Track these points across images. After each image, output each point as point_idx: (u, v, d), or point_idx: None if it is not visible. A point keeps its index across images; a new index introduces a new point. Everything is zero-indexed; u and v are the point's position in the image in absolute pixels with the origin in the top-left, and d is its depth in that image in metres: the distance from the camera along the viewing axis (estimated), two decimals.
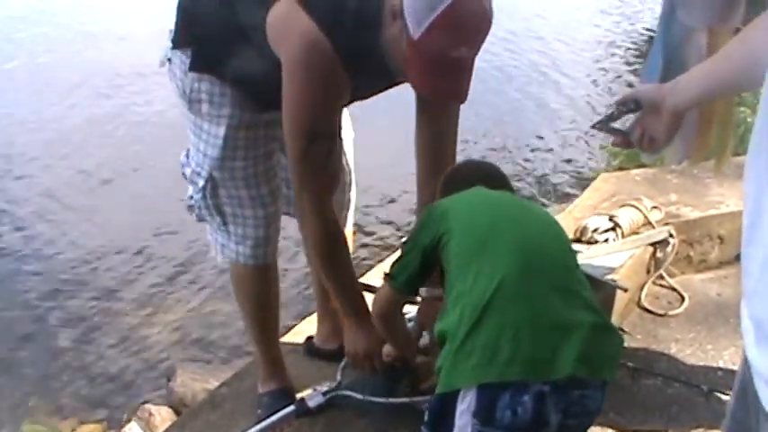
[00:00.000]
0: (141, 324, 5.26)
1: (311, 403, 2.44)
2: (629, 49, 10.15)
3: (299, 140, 2.10)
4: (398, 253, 2.14)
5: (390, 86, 2.29)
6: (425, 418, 1.81)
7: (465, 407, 1.66)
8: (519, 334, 1.65)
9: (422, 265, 2.00)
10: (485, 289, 1.70)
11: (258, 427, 2.41)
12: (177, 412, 4.19)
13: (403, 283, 2.07)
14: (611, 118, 1.91)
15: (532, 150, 7.50)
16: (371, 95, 2.35)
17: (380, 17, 2.03)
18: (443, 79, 2.01)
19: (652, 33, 5.31)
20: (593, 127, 1.97)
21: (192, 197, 2.49)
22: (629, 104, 1.84)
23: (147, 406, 4.33)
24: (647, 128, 1.81)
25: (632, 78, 8.98)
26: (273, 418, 2.43)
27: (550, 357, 1.65)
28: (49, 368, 4.89)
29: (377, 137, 5.10)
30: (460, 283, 1.77)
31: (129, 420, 4.30)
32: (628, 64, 9.68)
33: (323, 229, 2.21)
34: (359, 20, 2.06)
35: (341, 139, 2.31)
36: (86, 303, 5.46)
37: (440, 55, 1.96)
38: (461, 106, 2.27)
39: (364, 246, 4.96)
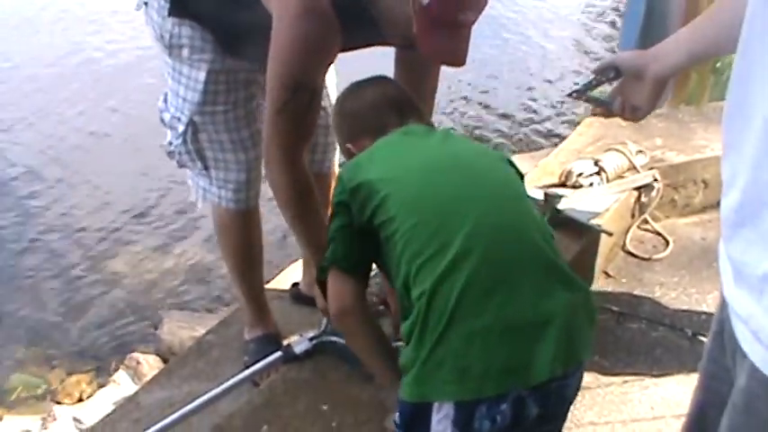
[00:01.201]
0: (127, 274, 5.28)
1: (297, 349, 2.44)
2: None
3: (282, 91, 2.04)
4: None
5: (376, 45, 2.26)
6: (396, 419, 1.70)
7: (443, 415, 1.58)
8: (490, 341, 1.55)
9: (360, 241, 1.80)
10: (450, 291, 1.56)
11: (245, 373, 2.41)
12: (165, 360, 4.21)
13: (343, 259, 1.81)
14: (588, 86, 1.85)
15: (517, 95, 7.48)
16: (355, 50, 2.33)
17: None
18: (449, 43, 2.01)
19: None
20: (569, 96, 1.92)
21: (171, 143, 2.47)
22: (608, 72, 1.79)
23: (135, 354, 4.35)
24: (628, 96, 1.77)
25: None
26: (260, 364, 2.43)
27: (526, 362, 1.56)
28: (36, 320, 4.91)
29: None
30: (420, 281, 1.60)
31: (116, 369, 4.32)
32: (611, 13, 9.63)
33: (291, 182, 2.12)
34: None
35: (323, 93, 2.27)
36: (72, 254, 5.47)
37: (447, 19, 1.96)
38: None
39: None
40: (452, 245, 1.59)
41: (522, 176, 1.91)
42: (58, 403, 4.17)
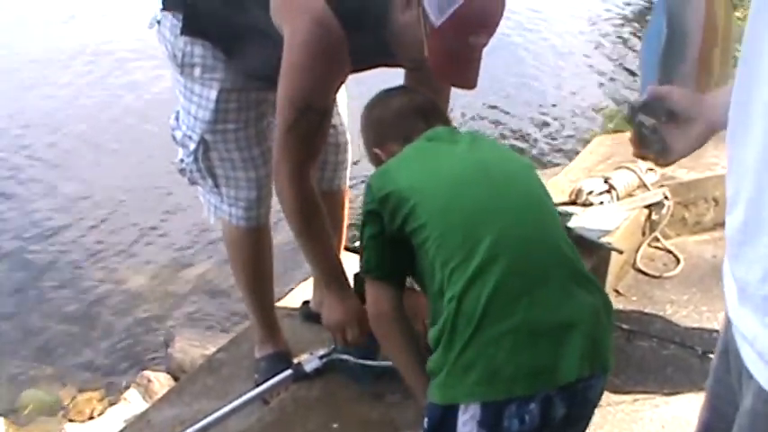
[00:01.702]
0: (140, 292, 5.28)
1: (308, 367, 2.45)
2: (624, 19, 10.07)
3: (292, 111, 2.08)
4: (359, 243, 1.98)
5: (387, 66, 2.28)
6: (424, 425, 1.72)
7: (469, 416, 1.61)
8: (519, 343, 1.59)
9: (392, 248, 1.86)
10: (478, 296, 1.60)
11: (255, 391, 2.42)
12: (176, 378, 4.21)
13: (377, 268, 1.89)
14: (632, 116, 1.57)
15: (529, 114, 7.48)
16: (365, 70, 2.36)
17: (389, 3, 2.05)
18: (460, 66, 2.05)
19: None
20: (631, 110, 1.59)
21: (182, 160, 2.49)
22: (657, 111, 1.53)
23: (146, 373, 4.36)
24: (668, 135, 1.54)
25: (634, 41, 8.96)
26: (270, 382, 2.43)
27: (554, 363, 1.60)
28: (48, 337, 4.91)
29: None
30: (451, 286, 1.65)
31: (127, 387, 4.32)
32: (624, 30, 9.63)
33: (299, 200, 2.17)
34: (367, 4, 2.07)
35: (332, 115, 2.30)
36: (85, 272, 5.48)
37: (460, 42, 1.99)
38: None
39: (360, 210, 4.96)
40: (479, 252, 1.64)
41: None
42: (70, 420, 4.18)
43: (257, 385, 2.47)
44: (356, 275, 1.95)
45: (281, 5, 2.10)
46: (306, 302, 2.97)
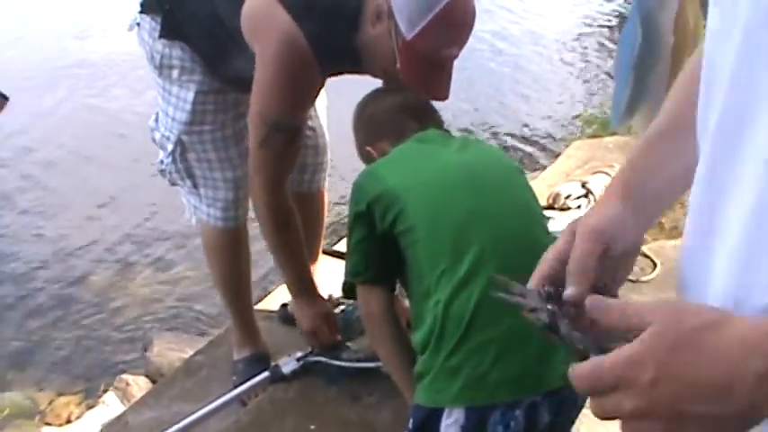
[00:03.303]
0: (117, 295, 5.25)
1: (285, 369, 2.46)
2: (603, 26, 10.13)
3: (263, 128, 2.12)
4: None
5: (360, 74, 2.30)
6: (409, 425, 1.74)
7: (452, 421, 1.62)
8: (505, 349, 1.59)
9: (381, 250, 1.86)
10: (467, 301, 1.61)
11: (233, 393, 2.42)
12: (154, 381, 4.19)
13: (365, 272, 1.89)
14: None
15: (507, 119, 7.50)
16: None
17: (359, 17, 2.07)
18: (432, 77, 2.07)
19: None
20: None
21: (162, 161, 2.50)
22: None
23: (124, 376, 4.33)
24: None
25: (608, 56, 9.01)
26: (248, 384, 2.44)
27: (540, 371, 1.60)
28: (25, 341, 4.87)
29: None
30: (439, 290, 1.65)
31: (105, 391, 4.29)
32: (602, 36, 9.69)
33: (272, 212, 2.24)
34: (335, 19, 2.08)
35: (306, 129, 2.36)
36: (63, 276, 5.44)
37: (432, 54, 2.02)
38: None
39: (338, 213, 4.94)
40: (468, 255, 1.64)
41: None
42: (47, 424, 4.14)
43: (235, 387, 2.47)
44: (344, 283, 1.95)
45: (251, 24, 2.13)
46: (284, 305, 2.97)
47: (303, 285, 2.39)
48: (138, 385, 4.21)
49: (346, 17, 2.08)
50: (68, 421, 4.17)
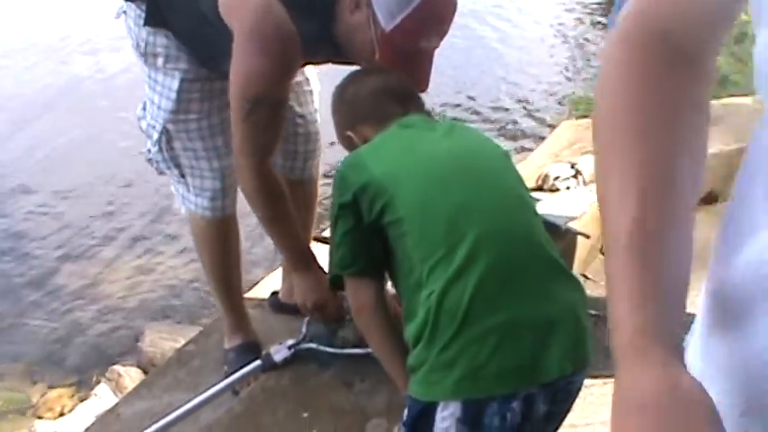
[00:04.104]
0: (108, 286, 5.25)
1: (277, 357, 2.45)
2: (592, 4, 10.12)
3: (243, 103, 2.06)
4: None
5: (338, 63, 2.27)
6: (404, 417, 1.72)
7: (448, 413, 1.59)
8: (501, 341, 1.57)
9: (368, 241, 1.81)
10: (462, 293, 1.58)
11: (225, 382, 2.41)
12: (146, 372, 4.20)
13: (352, 264, 1.84)
14: None
15: (493, 101, 7.49)
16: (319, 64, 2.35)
17: (336, 4, 2.04)
18: (412, 69, 2.05)
19: None
20: None
21: (149, 150, 2.48)
22: None
23: (116, 367, 4.34)
24: None
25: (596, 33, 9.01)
26: (239, 373, 2.43)
27: (536, 362, 1.58)
28: (16, 335, 4.87)
29: None
30: (431, 282, 1.62)
31: (98, 382, 4.30)
32: (590, 16, 9.68)
33: (260, 187, 2.16)
34: (313, 5, 2.05)
35: (288, 105, 2.28)
36: (52, 268, 5.43)
37: (411, 45, 2.00)
38: None
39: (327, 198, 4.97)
40: (461, 247, 1.61)
41: None
42: (40, 418, 4.15)
43: (227, 376, 2.46)
44: (332, 277, 1.92)
45: (227, 7, 2.09)
46: (275, 293, 2.97)
47: (303, 258, 2.32)
48: (131, 376, 4.22)
49: (324, 2, 2.06)
50: (61, 414, 4.18)
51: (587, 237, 3.18)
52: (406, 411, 1.71)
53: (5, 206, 6.13)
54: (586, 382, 2.71)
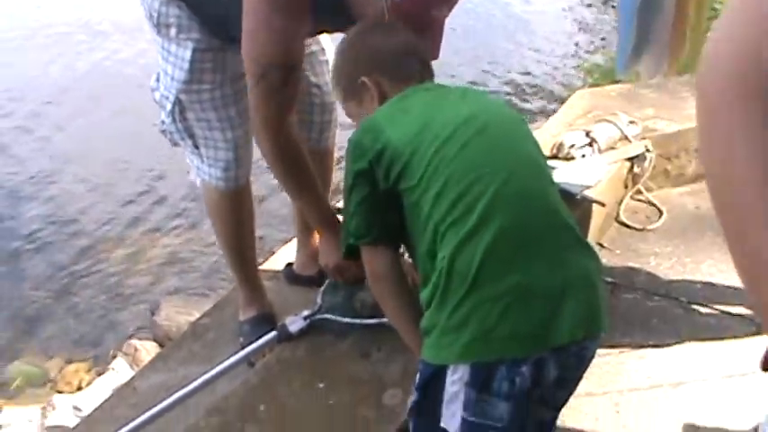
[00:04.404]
0: (123, 260, 5.27)
1: (292, 328, 2.44)
2: None
3: (255, 67, 2.03)
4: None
5: None
6: (416, 380, 1.71)
7: (457, 377, 1.59)
8: (513, 304, 1.55)
9: (384, 208, 1.78)
10: (473, 255, 1.56)
11: (240, 354, 2.41)
12: (162, 346, 4.21)
13: (367, 234, 1.81)
14: None
15: (505, 69, 7.45)
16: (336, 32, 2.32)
17: None
18: (423, 38, 2.00)
19: None
20: None
21: (163, 122, 2.47)
22: None
23: (133, 341, 4.35)
24: None
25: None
26: (255, 344, 2.42)
27: (548, 326, 1.56)
28: (34, 310, 4.90)
29: None
30: (444, 246, 1.60)
31: (114, 356, 4.32)
32: None
33: (277, 150, 2.14)
34: None
35: (303, 68, 2.25)
36: (68, 243, 5.45)
37: (421, 14, 1.97)
38: None
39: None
40: (475, 210, 1.59)
41: None
42: (58, 392, 4.17)
43: (242, 348, 2.46)
44: (346, 245, 1.89)
45: None
46: (289, 264, 2.96)
47: (327, 219, 2.29)
48: (147, 350, 4.24)
49: None
50: (79, 388, 4.21)
51: (603, 205, 3.16)
52: (417, 376, 1.70)
53: (15, 180, 6.14)
54: (602, 351, 2.71)
